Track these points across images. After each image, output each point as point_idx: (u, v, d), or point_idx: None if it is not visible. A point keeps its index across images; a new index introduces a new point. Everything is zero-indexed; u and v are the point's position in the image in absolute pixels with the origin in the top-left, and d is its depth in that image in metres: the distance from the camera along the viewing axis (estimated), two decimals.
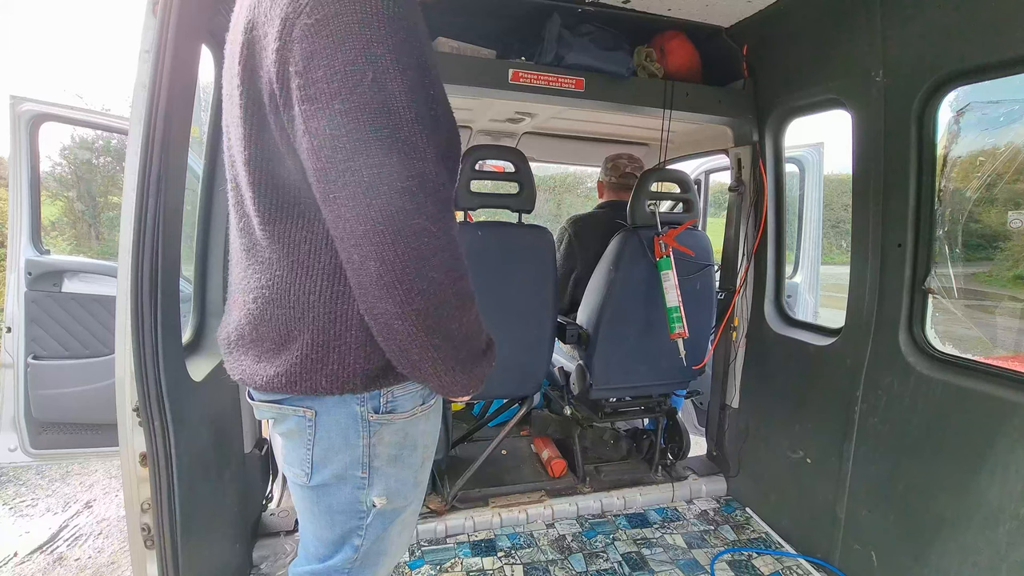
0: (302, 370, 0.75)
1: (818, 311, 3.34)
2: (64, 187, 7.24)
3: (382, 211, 0.62)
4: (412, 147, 0.63)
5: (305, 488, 0.86)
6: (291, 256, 0.73)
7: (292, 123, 0.64)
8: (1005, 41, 1.19)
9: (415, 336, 0.68)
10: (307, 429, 0.81)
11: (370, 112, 0.61)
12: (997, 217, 2.23)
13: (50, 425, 2.30)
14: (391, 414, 0.82)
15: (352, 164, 0.61)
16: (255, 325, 0.78)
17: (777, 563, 1.77)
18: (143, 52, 0.97)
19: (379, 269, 0.64)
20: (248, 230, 0.77)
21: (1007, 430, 1.22)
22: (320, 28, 0.59)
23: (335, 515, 0.87)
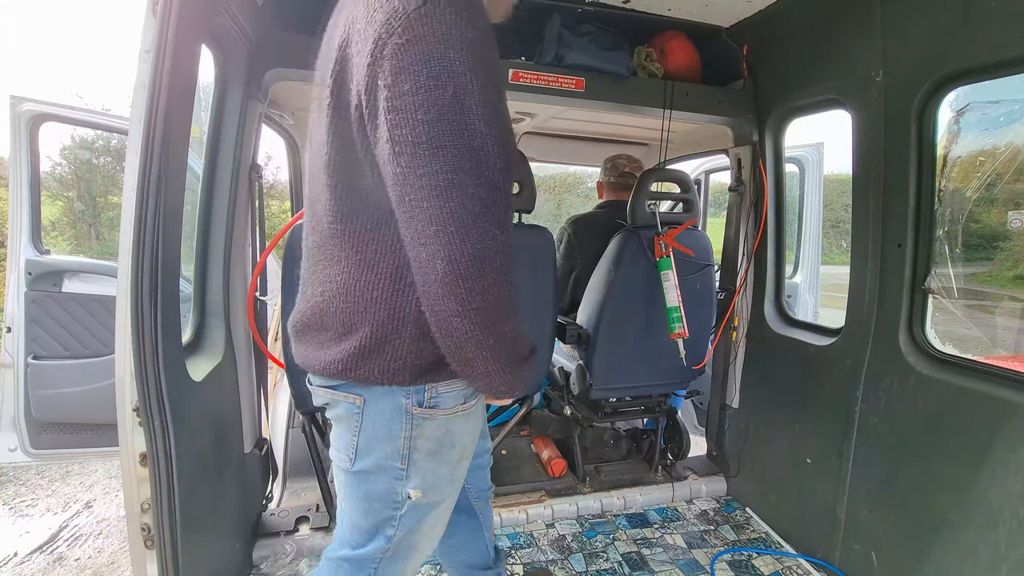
0: (358, 359, 0.82)
1: (818, 311, 3.34)
2: (64, 187, 7.25)
3: (453, 213, 0.68)
4: (484, 156, 0.69)
5: (347, 473, 0.92)
6: (359, 255, 0.80)
7: (376, 131, 0.70)
8: (1005, 41, 1.19)
9: (471, 334, 0.74)
10: (355, 416, 0.87)
11: (449, 123, 0.67)
12: (997, 217, 2.23)
13: (50, 425, 2.30)
14: (434, 409, 0.87)
15: (429, 169, 0.67)
16: (320, 316, 0.85)
17: (777, 563, 1.77)
18: (143, 52, 0.97)
19: (445, 267, 0.69)
20: (319, 229, 0.84)
21: (1007, 430, 1.22)
22: (409, 47, 0.65)
23: (371, 503, 0.92)
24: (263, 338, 1.82)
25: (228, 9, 1.31)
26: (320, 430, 1.94)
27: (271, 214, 7.52)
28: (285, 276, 1.63)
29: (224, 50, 1.45)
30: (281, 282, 1.64)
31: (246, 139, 1.56)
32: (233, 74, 1.49)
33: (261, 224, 1.78)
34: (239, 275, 1.63)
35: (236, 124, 1.50)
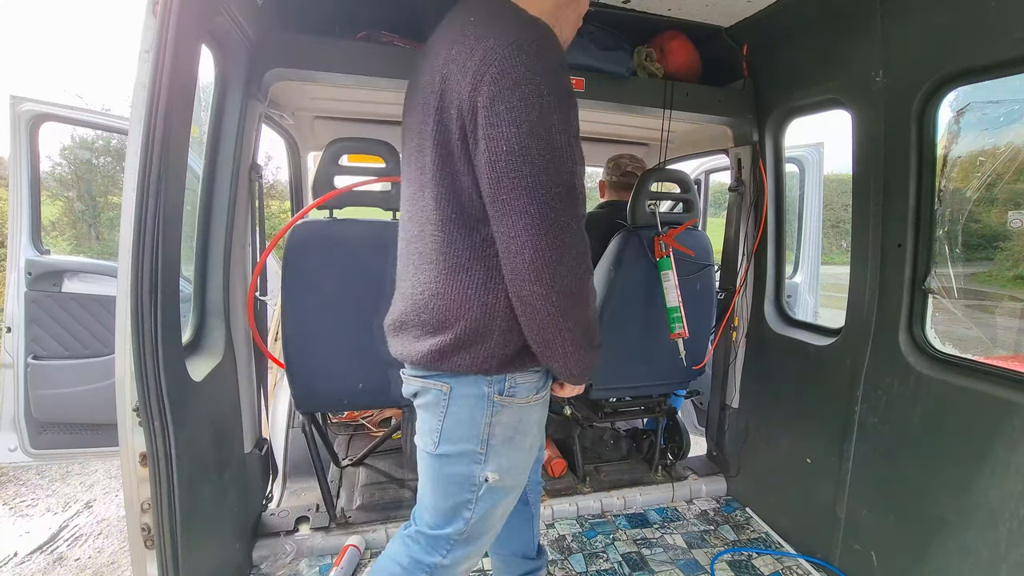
0: (452, 351, 0.94)
1: (818, 311, 3.34)
2: (64, 187, 7.25)
3: (539, 209, 0.82)
4: (562, 163, 0.84)
5: (431, 456, 1.04)
6: (455, 259, 0.92)
7: (476, 145, 0.84)
8: (1005, 41, 1.19)
9: (553, 316, 0.87)
10: (442, 402, 0.99)
11: (536, 135, 0.81)
12: (997, 217, 2.23)
13: (50, 425, 2.30)
14: (512, 398, 0.99)
15: (519, 173, 0.82)
16: (418, 313, 0.97)
17: (777, 563, 1.77)
18: (143, 52, 0.97)
19: (532, 255, 0.83)
20: (422, 237, 0.96)
21: (1007, 430, 1.22)
22: (503, 76, 0.81)
23: (451, 485, 1.03)
24: (263, 338, 1.82)
25: (228, 9, 1.31)
26: (320, 430, 1.94)
27: (271, 214, 7.53)
28: (285, 276, 1.63)
29: (224, 50, 1.45)
30: (281, 282, 1.64)
31: (246, 139, 1.56)
32: (233, 74, 1.49)
33: (261, 224, 1.79)
34: (239, 275, 1.63)
35: (236, 124, 1.50)
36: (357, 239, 1.68)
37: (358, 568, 1.68)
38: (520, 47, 0.82)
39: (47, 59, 19.16)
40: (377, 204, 1.74)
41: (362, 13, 1.77)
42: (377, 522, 1.85)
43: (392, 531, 1.82)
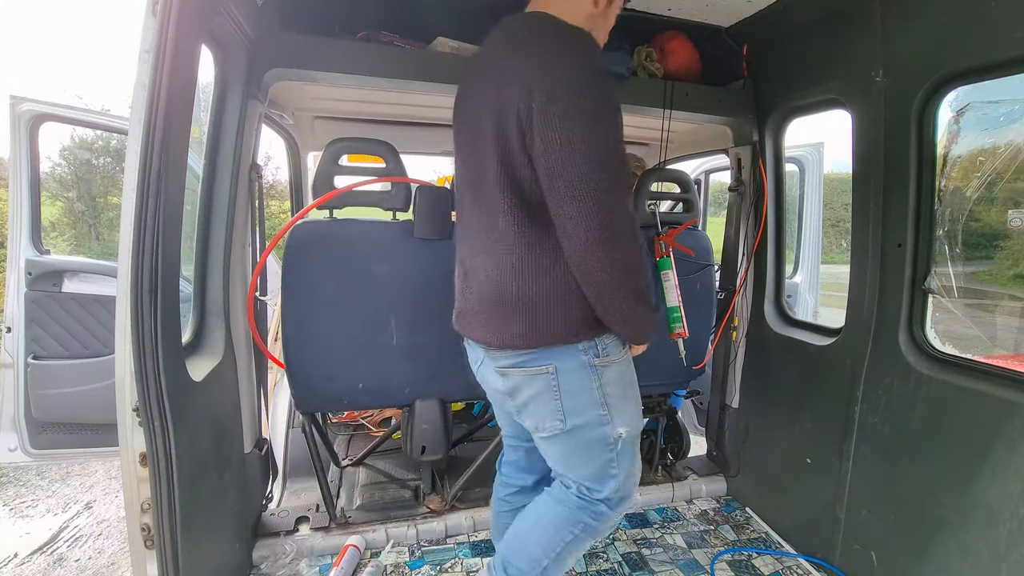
0: (541, 322, 1.05)
1: (818, 311, 3.34)
2: (64, 187, 7.25)
3: (590, 192, 0.95)
4: (608, 152, 0.97)
5: (563, 434, 1.13)
6: (526, 238, 1.04)
7: (532, 140, 0.97)
8: (1005, 41, 1.19)
9: (609, 284, 1.00)
10: (552, 384, 1.09)
11: (584, 129, 0.95)
12: (997, 216, 2.23)
13: (50, 425, 2.30)
14: (608, 358, 1.11)
15: (571, 162, 0.94)
16: (502, 294, 1.07)
17: (777, 563, 1.77)
18: (143, 52, 0.97)
19: (586, 235, 0.96)
20: (493, 225, 1.06)
21: (1007, 430, 1.22)
22: (554, 80, 0.95)
23: (591, 450, 1.15)
24: (263, 338, 1.82)
25: (228, 9, 1.31)
26: (320, 430, 1.94)
27: (271, 214, 7.53)
28: (285, 276, 1.63)
29: (224, 50, 1.45)
30: (281, 282, 1.64)
31: (246, 139, 1.56)
32: (233, 74, 1.49)
33: (261, 224, 1.79)
34: (239, 275, 1.63)
35: (236, 124, 1.50)
36: (357, 239, 1.68)
37: (358, 568, 1.68)
38: (566, 54, 0.98)
39: (47, 59, 19.16)
40: (377, 204, 1.74)
41: (362, 13, 1.77)
42: (377, 522, 1.85)
43: (392, 531, 1.82)
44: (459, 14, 1.81)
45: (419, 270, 1.72)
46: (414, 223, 1.72)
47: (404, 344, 1.74)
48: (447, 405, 1.87)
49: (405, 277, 1.71)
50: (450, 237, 1.74)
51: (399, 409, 1.96)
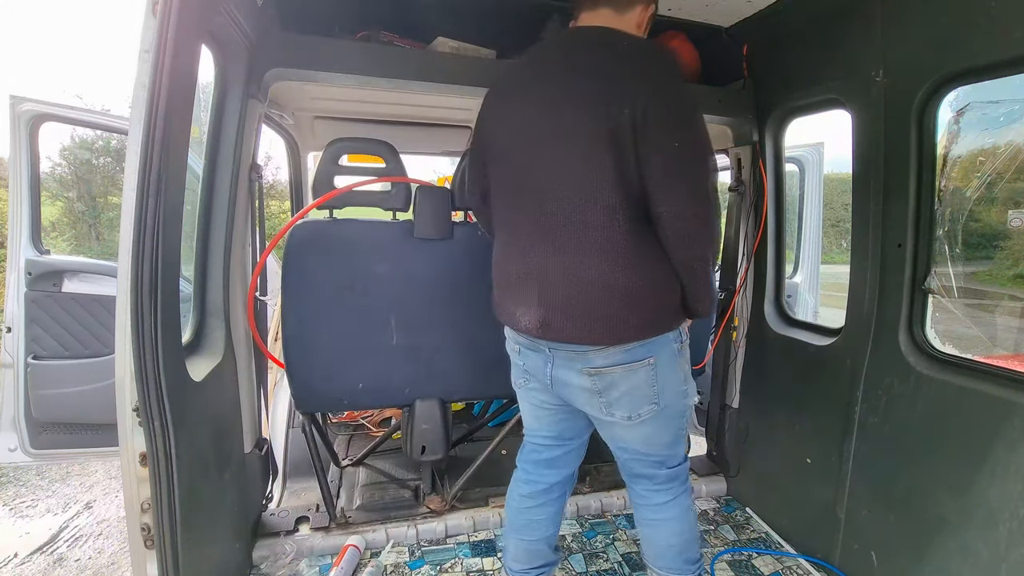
0: (651, 315, 1.14)
1: (818, 311, 3.34)
2: (64, 187, 7.24)
3: (696, 192, 1.08)
4: (705, 157, 1.10)
5: (654, 416, 1.22)
6: (634, 236, 1.11)
7: (643, 146, 1.05)
8: (1005, 41, 1.19)
9: (701, 273, 1.15)
10: (651, 374, 1.18)
11: (686, 136, 1.08)
12: (997, 216, 2.23)
13: (50, 425, 2.30)
14: (684, 341, 1.25)
15: (680, 161, 1.07)
16: (609, 295, 1.11)
17: (777, 563, 1.77)
18: (143, 52, 0.97)
19: (692, 228, 1.08)
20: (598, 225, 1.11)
21: (1007, 430, 1.22)
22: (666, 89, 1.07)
23: (671, 422, 1.28)
24: (263, 338, 1.82)
25: (228, 9, 1.31)
26: (320, 430, 1.94)
27: (271, 214, 7.53)
28: (285, 276, 1.63)
29: (224, 50, 1.45)
30: (281, 282, 1.64)
31: (246, 139, 1.56)
32: (233, 74, 1.49)
33: (261, 224, 1.79)
34: (239, 275, 1.63)
35: (236, 124, 1.50)
36: (357, 239, 1.68)
37: (358, 568, 1.68)
38: (671, 67, 1.13)
39: (47, 59, 19.15)
40: (377, 204, 1.74)
41: (362, 13, 1.77)
42: (377, 522, 1.85)
43: (392, 531, 1.82)
44: (459, 14, 1.81)
45: (419, 270, 1.72)
46: (414, 223, 1.72)
47: (404, 344, 1.74)
48: (447, 405, 1.87)
49: (405, 277, 1.71)
50: (451, 237, 1.74)
51: (399, 409, 1.96)
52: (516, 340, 1.30)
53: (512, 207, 1.22)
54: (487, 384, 1.89)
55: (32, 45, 19.71)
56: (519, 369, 1.36)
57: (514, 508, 1.46)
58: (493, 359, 1.85)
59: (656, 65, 1.08)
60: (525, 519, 1.43)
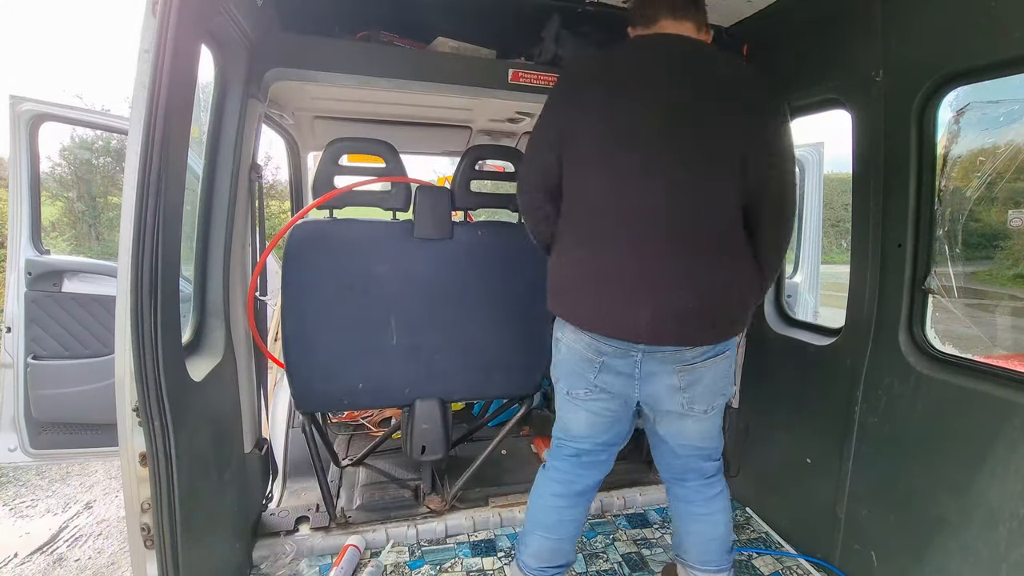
0: (748, 310, 1.26)
1: (818, 311, 3.34)
2: (64, 188, 7.25)
3: (793, 201, 1.26)
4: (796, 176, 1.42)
5: (721, 406, 1.33)
6: (738, 246, 1.21)
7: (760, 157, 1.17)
8: (1005, 41, 1.18)
9: (778, 267, 1.33)
10: (728, 366, 1.29)
11: (790, 161, 1.25)
12: (998, 216, 2.23)
13: (50, 425, 2.30)
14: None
15: (788, 174, 1.23)
16: (727, 296, 1.19)
17: (777, 563, 1.77)
18: (143, 52, 0.97)
19: (785, 237, 1.28)
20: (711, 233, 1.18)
21: (1007, 430, 1.22)
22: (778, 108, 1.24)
23: (720, 414, 1.36)
24: (263, 338, 1.82)
25: (228, 9, 1.31)
26: (320, 430, 1.94)
27: (271, 214, 7.53)
28: (285, 276, 1.63)
29: (224, 50, 1.45)
30: (281, 282, 1.64)
31: (246, 139, 1.56)
32: (233, 74, 1.49)
33: (261, 224, 1.79)
34: (239, 275, 1.63)
35: (236, 124, 1.50)
36: (357, 239, 1.68)
37: (358, 568, 1.68)
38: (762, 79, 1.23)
39: (47, 59, 19.14)
40: (377, 204, 1.74)
41: (362, 13, 1.77)
42: (377, 522, 1.85)
43: (392, 531, 1.82)
44: (459, 14, 1.81)
45: (419, 270, 1.72)
46: (414, 223, 1.72)
47: (404, 344, 1.74)
48: (447, 405, 1.87)
49: (405, 277, 1.71)
50: (450, 237, 1.74)
51: (399, 409, 1.96)
52: (599, 349, 1.23)
53: (613, 208, 1.17)
54: (487, 384, 1.89)
55: (32, 45, 19.70)
56: (586, 380, 1.29)
57: (544, 506, 1.43)
58: (493, 359, 1.86)
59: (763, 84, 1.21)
60: (556, 518, 1.41)
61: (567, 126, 1.21)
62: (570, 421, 1.39)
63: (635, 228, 1.16)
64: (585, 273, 1.21)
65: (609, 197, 1.18)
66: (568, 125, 1.21)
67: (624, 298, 1.16)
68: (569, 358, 1.30)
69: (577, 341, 1.26)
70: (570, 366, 1.31)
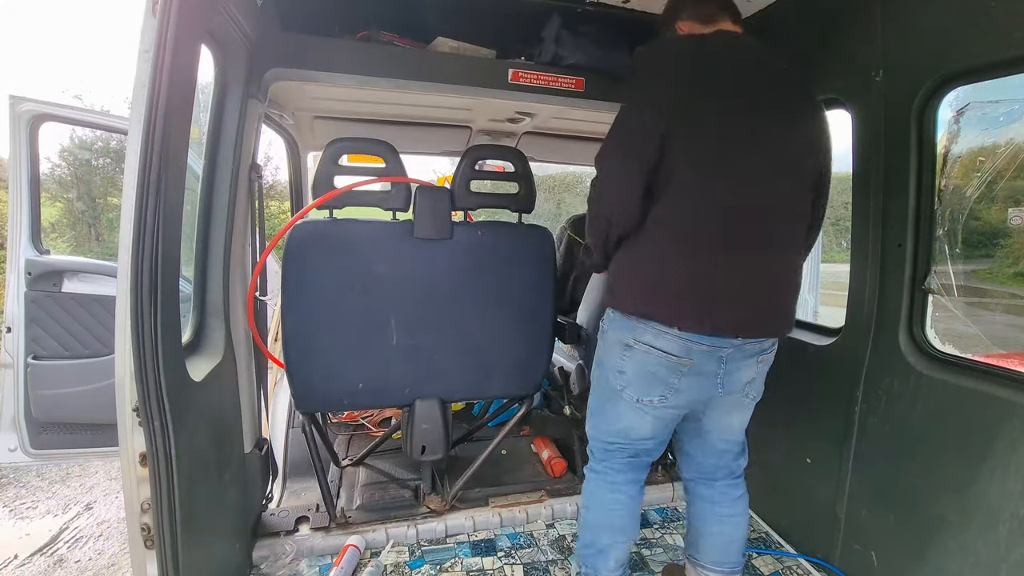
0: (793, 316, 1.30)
1: (818, 310, 3.34)
2: (64, 188, 7.25)
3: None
4: None
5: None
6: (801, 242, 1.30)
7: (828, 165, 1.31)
8: (1005, 41, 1.18)
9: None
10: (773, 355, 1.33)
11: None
12: (998, 215, 2.23)
13: (50, 425, 2.30)
14: None
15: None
16: (796, 289, 1.28)
17: (777, 563, 1.77)
18: (143, 52, 0.97)
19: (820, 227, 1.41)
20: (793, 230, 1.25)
21: (1007, 430, 1.22)
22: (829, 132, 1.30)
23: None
24: (263, 338, 1.82)
25: (228, 9, 1.31)
26: (320, 430, 1.94)
27: (271, 214, 7.53)
28: (285, 276, 1.63)
29: (224, 50, 1.45)
30: (281, 282, 1.64)
31: (246, 139, 1.56)
32: (233, 74, 1.49)
33: (261, 224, 1.79)
34: (239, 275, 1.63)
35: (236, 124, 1.50)
36: (357, 239, 1.68)
37: (358, 568, 1.68)
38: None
39: (47, 59, 19.17)
40: (377, 204, 1.74)
41: (362, 13, 1.77)
42: (377, 522, 1.85)
43: (392, 531, 1.82)
44: (459, 14, 1.81)
45: (419, 270, 1.72)
46: (414, 223, 1.72)
47: (404, 344, 1.74)
48: (447, 405, 1.87)
49: (405, 277, 1.71)
50: (450, 237, 1.74)
51: (399, 409, 1.96)
52: (690, 349, 1.20)
53: (715, 207, 1.16)
54: (487, 384, 1.89)
55: (32, 45, 19.71)
56: (665, 385, 1.24)
57: (619, 513, 1.40)
58: (493, 359, 1.86)
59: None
60: (631, 518, 1.42)
61: (674, 127, 1.13)
62: (632, 425, 1.33)
63: (735, 226, 1.16)
64: (682, 271, 1.17)
65: (709, 195, 1.16)
66: (675, 126, 1.13)
67: (726, 295, 1.17)
68: (645, 363, 1.23)
69: (662, 344, 1.20)
70: (645, 372, 1.24)
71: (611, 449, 1.40)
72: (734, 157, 1.16)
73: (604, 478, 1.41)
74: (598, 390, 1.39)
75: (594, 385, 1.40)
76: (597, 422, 1.41)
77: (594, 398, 1.41)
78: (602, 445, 1.41)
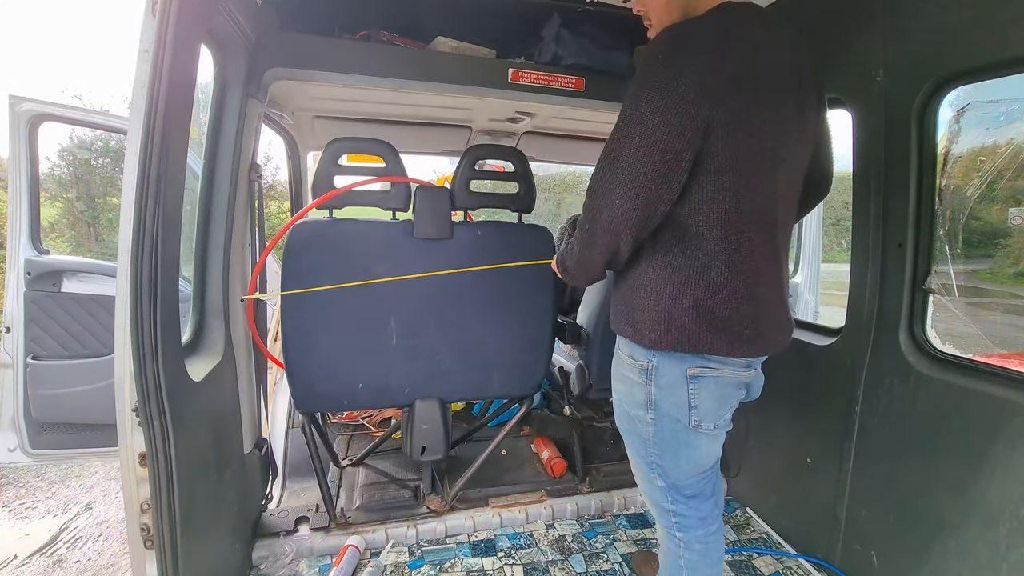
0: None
1: (818, 310, 3.34)
2: (63, 188, 7.25)
3: None
4: None
5: None
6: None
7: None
8: (1005, 41, 1.19)
9: None
10: None
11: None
12: (998, 214, 2.23)
13: (50, 425, 2.29)
14: None
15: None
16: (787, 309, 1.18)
17: (777, 563, 1.77)
18: (142, 52, 0.97)
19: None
20: (787, 232, 1.15)
21: (1007, 430, 1.21)
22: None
23: None
24: (263, 338, 1.82)
25: (227, 9, 1.31)
26: (320, 430, 1.94)
27: (271, 214, 7.52)
28: (285, 276, 1.63)
29: (224, 50, 1.45)
30: (281, 282, 1.63)
31: (246, 139, 1.56)
32: (233, 74, 1.49)
33: (261, 224, 1.78)
34: (239, 275, 1.63)
35: (236, 124, 1.50)
36: (357, 239, 1.68)
37: (358, 568, 1.68)
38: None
39: (47, 59, 19.16)
40: (377, 204, 1.74)
41: (362, 13, 1.77)
42: (377, 522, 1.85)
43: (392, 531, 1.82)
44: (459, 14, 1.81)
45: (419, 270, 1.72)
46: (414, 223, 1.72)
47: (404, 344, 1.73)
48: (447, 405, 1.87)
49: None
50: (450, 237, 1.74)
51: (399, 409, 1.96)
52: (751, 364, 1.13)
53: (757, 218, 1.03)
54: (487, 384, 1.89)
55: (32, 45, 19.69)
56: (730, 406, 1.16)
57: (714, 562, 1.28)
58: (493, 359, 1.86)
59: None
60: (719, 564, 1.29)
61: (713, 121, 0.94)
62: (709, 453, 1.20)
63: (765, 233, 1.05)
64: (735, 296, 1.03)
65: (748, 205, 1.01)
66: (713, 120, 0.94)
67: (773, 318, 1.10)
68: (716, 391, 1.11)
69: (729, 370, 1.10)
70: (717, 399, 1.12)
71: (696, 494, 1.24)
72: (774, 152, 1.01)
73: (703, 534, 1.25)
74: (662, 440, 1.17)
75: (656, 436, 1.17)
76: (673, 471, 1.19)
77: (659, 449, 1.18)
78: (689, 492, 1.23)
